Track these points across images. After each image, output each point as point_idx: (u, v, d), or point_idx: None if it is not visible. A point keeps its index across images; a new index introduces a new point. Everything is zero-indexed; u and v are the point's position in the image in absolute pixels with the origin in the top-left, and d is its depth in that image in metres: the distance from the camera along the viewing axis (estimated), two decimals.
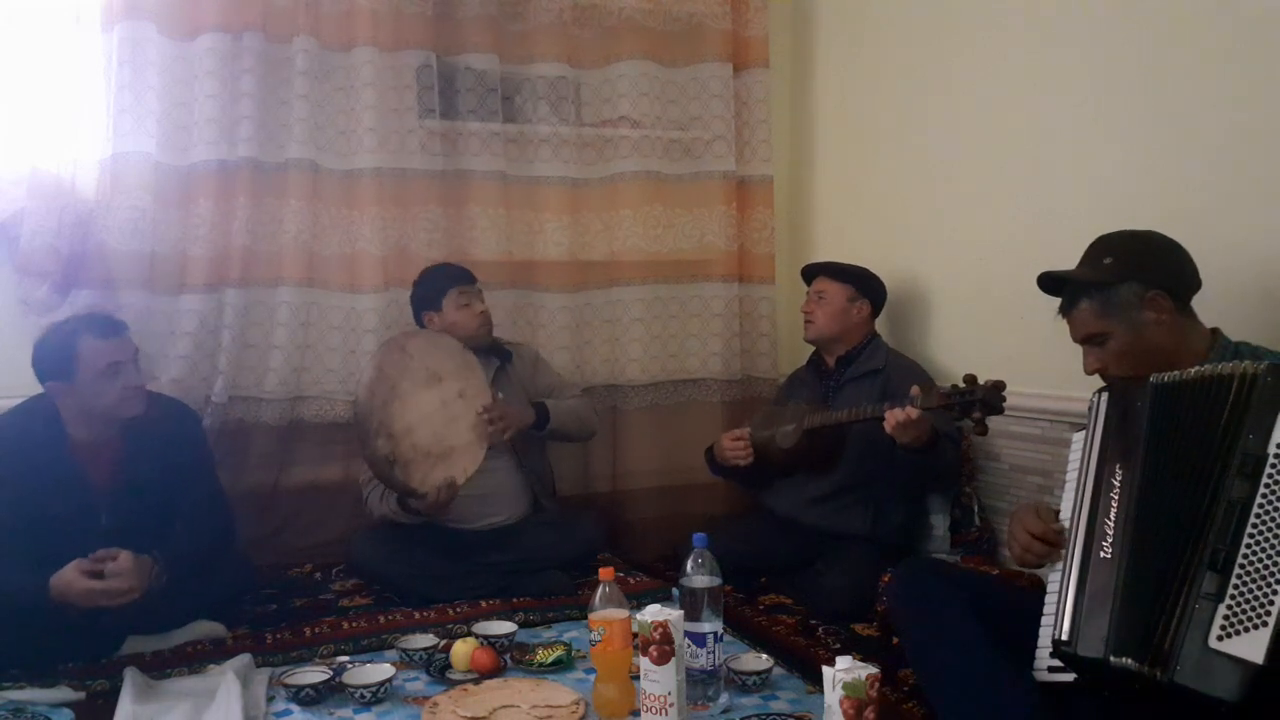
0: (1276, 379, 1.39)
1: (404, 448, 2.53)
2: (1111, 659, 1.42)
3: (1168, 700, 1.38)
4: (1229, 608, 1.31)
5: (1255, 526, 1.33)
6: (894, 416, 2.29)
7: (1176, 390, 1.51)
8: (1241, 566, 1.32)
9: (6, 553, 2.11)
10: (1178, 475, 1.45)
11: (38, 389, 2.52)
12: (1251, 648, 1.26)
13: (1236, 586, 1.31)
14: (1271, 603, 1.27)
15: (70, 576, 2.02)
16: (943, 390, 2.27)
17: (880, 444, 2.42)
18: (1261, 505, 1.33)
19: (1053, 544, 1.60)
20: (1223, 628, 1.30)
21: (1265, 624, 1.27)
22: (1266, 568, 1.30)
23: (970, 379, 2.21)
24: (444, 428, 2.59)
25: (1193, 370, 1.51)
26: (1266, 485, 1.33)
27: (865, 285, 2.81)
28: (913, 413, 2.27)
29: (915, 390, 2.30)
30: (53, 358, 2.20)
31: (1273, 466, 1.34)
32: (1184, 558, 1.38)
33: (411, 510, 2.58)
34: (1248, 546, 1.32)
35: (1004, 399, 2.18)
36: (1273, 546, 1.30)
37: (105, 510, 2.23)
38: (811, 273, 2.88)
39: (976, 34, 2.70)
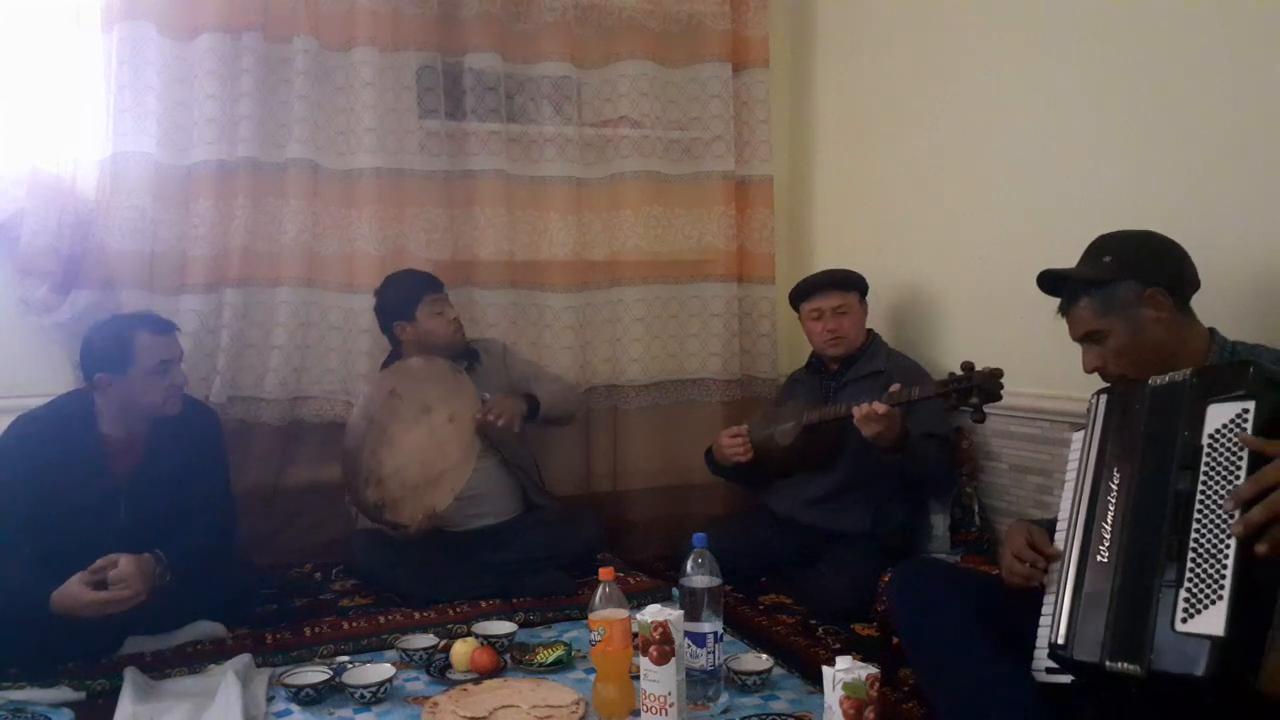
0: (1200, 379, 1.47)
1: (392, 489, 2.51)
2: (1108, 664, 1.43)
3: (1163, 697, 1.39)
4: (1188, 590, 1.35)
5: (1200, 511, 1.38)
6: (860, 410, 2.30)
7: (1167, 393, 1.52)
8: (1194, 550, 1.36)
9: (17, 551, 2.12)
10: (1158, 476, 1.48)
11: (36, 388, 2.54)
12: (1212, 622, 1.31)
13: (1191, 569, 1.36)
14: (1223, 577, 1.32)
15: (74, 590, 2.01)
16: (939, 379, 2.26)
17: (909, 445, 2.42)
18: (1203, 491, 1.39)
19: (1048, 559, 1.62)
20: (1184, 610, 1.34)
21: (1220, 598, 1.31)
22: (1215, 546, 1.34)
23: (967, 366, 2.21)
24: (433, 456, 2.57)
25: (1167, 375, 1.54)
26: (1204, 472, 1.39)
27: (864, 285, 2.81)
28: (879, 407, 2.27)
29: (894, 388, 2.31)
30: (108, 349, 2.22)
31: (1208, 454, 1.40)
32: (1156, 555, 1.42)
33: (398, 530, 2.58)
34: (1196, 531, 1.37)
35: (1002, 385, 2.18)
36: (1217, 526, 1.35)
37: (124, 505, 2.25)
38: (810, 289, 2.77)
39: (976, 34, 2.70)
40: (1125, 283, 1.67)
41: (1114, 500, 1.52)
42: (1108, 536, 1.51)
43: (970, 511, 2.66)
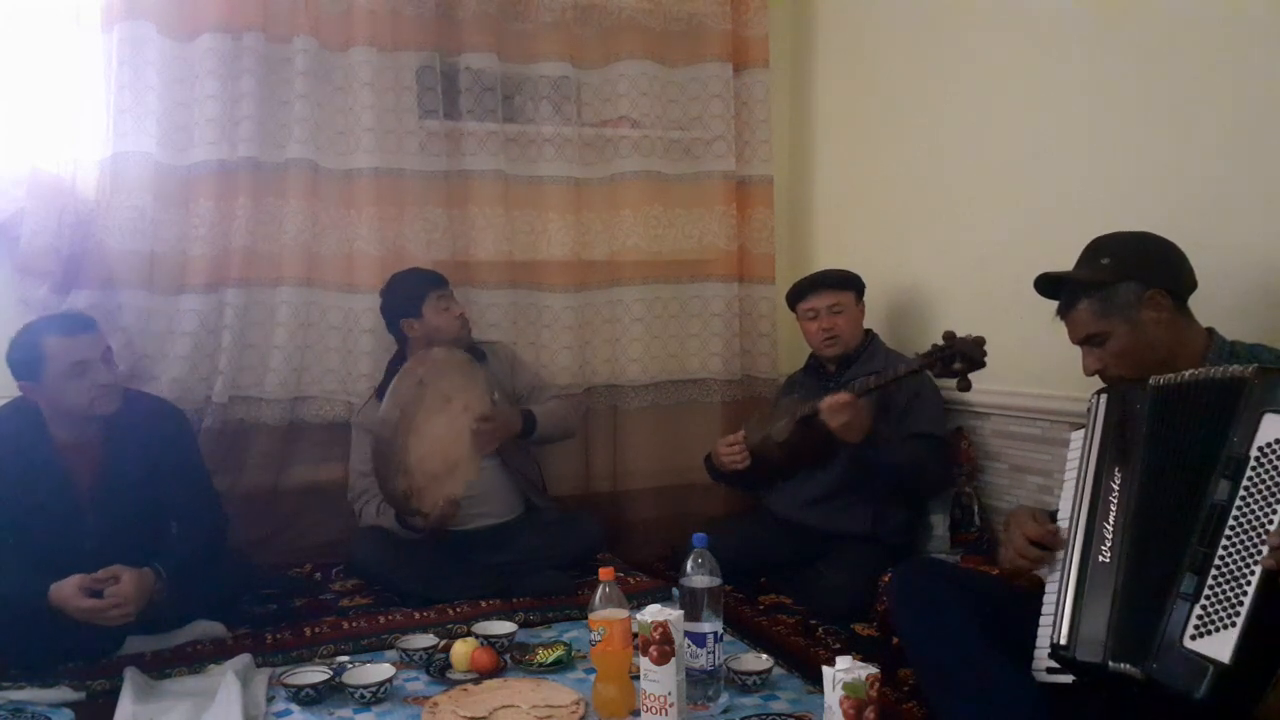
0: (1264, 381, 1.41)
1: (417, 478, 2.51)
2: (1110, 664, 1.42)
3: (1163, 700, 1.38)
4: (1203, 608, 1.33)
5: (1232, 528, 1.34)
6: (825, 401, 2.32)
7: (1174, 393, 1.51)
8: (1217, 568, 1.33)
9: (6, 554, 2.11)
10: (1173, 478, 1.46)
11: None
12: (1219, 647, 1.29)
13: (1211, 587, 1.33)
14: (1241, 603, 1.29)
15: (69, 593, 2.01)
16: (923, 352, 2.27)
17: (879, 439, 2.42)
18: (1240, 507, 1.34)
19: (1049, 547, 1.60)
20: (1196, 627, 1.32)
21: (1234, 624, 1.29)
22: (1239, 569, 1.31)
23: (949, 335, 2.21)
24: (451, 445, 2.58)
25: (1188, 373, 1.52)
26: (1245, 487, 1.35)
27: (860, 285, 2.80)
28: (843, 396, 2.28)
29: (861, 379, 2.33)
30: (20, 358, 2.19)
31: (1253, 469, 1.35)
32: (1173, 560, 1.40)
33: (412, 527, 2.57)
34: (1224, 548, 1.34)
35: (985, 352, 2.18)
36: (1246, 548, 1.31)
37: (91, 510, 2.23)
38: (806, 289, 2.78)
39: (976, 34, 2.70)
40: (1125, 285, 1.66)
41: (1115, 500, 1.52)
42: (1109, 536, 1.50)
43: (970, 511, 2.66)
